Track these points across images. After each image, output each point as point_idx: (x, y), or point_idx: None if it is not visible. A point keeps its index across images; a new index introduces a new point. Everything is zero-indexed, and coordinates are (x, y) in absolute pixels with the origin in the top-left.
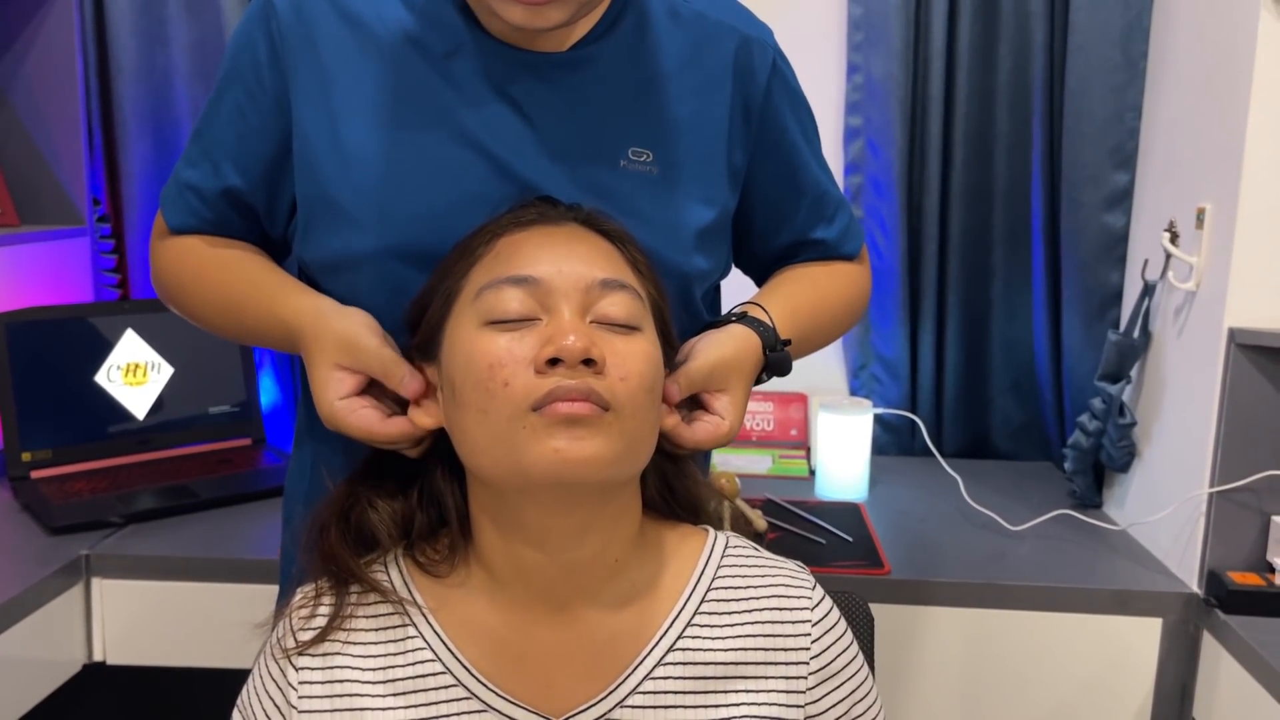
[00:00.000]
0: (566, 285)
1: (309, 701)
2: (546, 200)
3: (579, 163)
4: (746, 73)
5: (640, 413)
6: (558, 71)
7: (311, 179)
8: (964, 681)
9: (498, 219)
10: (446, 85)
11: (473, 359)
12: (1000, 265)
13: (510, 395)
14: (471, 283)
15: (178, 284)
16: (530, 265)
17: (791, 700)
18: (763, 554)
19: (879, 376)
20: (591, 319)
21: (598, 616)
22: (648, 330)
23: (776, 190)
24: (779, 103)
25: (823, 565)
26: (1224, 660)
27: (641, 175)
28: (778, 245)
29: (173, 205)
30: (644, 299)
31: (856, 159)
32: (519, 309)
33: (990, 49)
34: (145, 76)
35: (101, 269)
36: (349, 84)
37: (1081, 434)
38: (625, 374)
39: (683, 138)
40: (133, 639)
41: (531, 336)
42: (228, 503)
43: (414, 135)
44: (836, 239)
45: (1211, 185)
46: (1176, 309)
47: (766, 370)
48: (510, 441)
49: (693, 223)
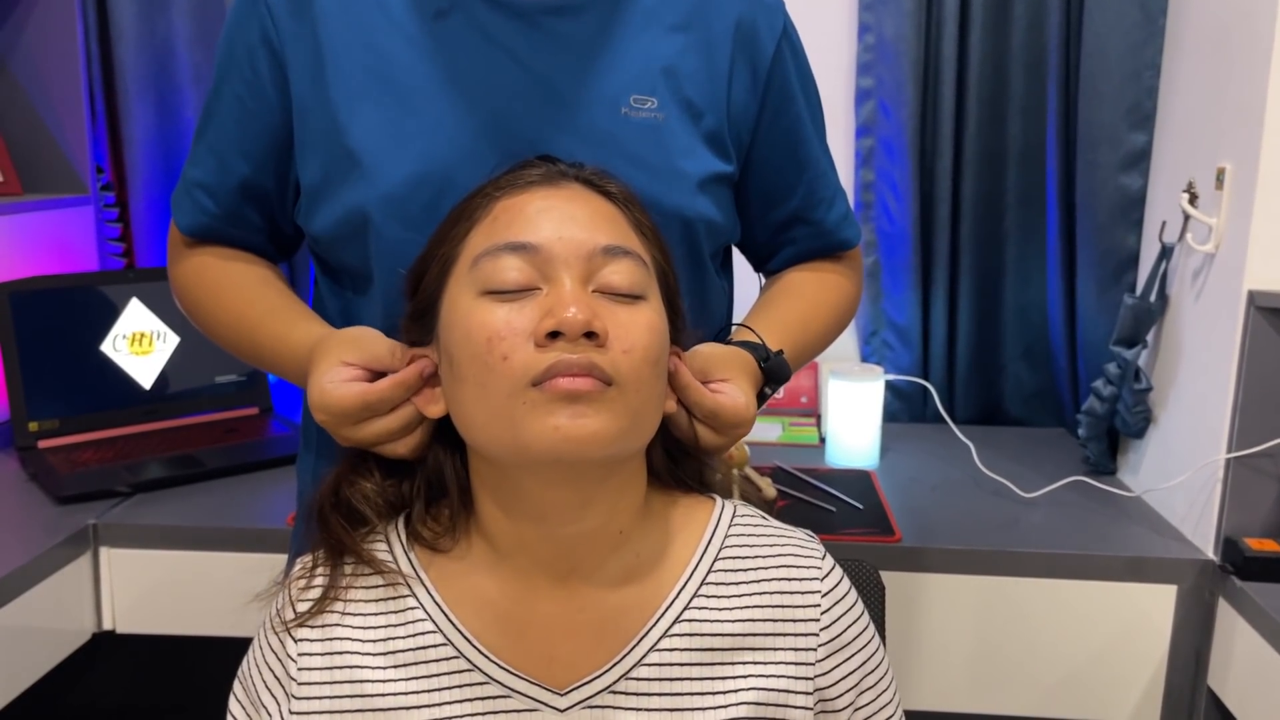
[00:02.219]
0: (567, 252)
1: (309, 674)
2: (546, 159)
3: (579, 111)
4: (751, 36)
5: (644, 386)
6: (551, 19)
7: (312, 151)
8: (976, 649)
9: (496, 179)
10: (440, 45)
11: (470, 332)
12: (1014, 229)
13: (509, 370)
14: (469, 248)
15: (195, 302)
16: (529, 231)
17: (801, 672)
18: (771, 523)
19: (890, 343)
20: (594, 287)
21: (602, 588)
22: (652, 298)
23: (778, 159)
24: (787, 71)
25: (833, 533)
26: (1240, 627)
27: (645, 122)
28: (774, 220)
29: (183, 206)
30: (648, 265)
31: (868, 121)
32: (518, 278)
33: (1004, 6)
34: (146, 42)
35: (106, 238)
36: (342, 55)
37: (1096, 399)
38: (629, 346)
39: (685, 89)
40: (142, 608)
41: (531, 307)
42: (235, 472)
43: (409, 97)
44: (834, 224)
45: (1232, 145)
46: (1195, 272)
47: (767, 383)
48: (510, 417)
49: (697, 170)
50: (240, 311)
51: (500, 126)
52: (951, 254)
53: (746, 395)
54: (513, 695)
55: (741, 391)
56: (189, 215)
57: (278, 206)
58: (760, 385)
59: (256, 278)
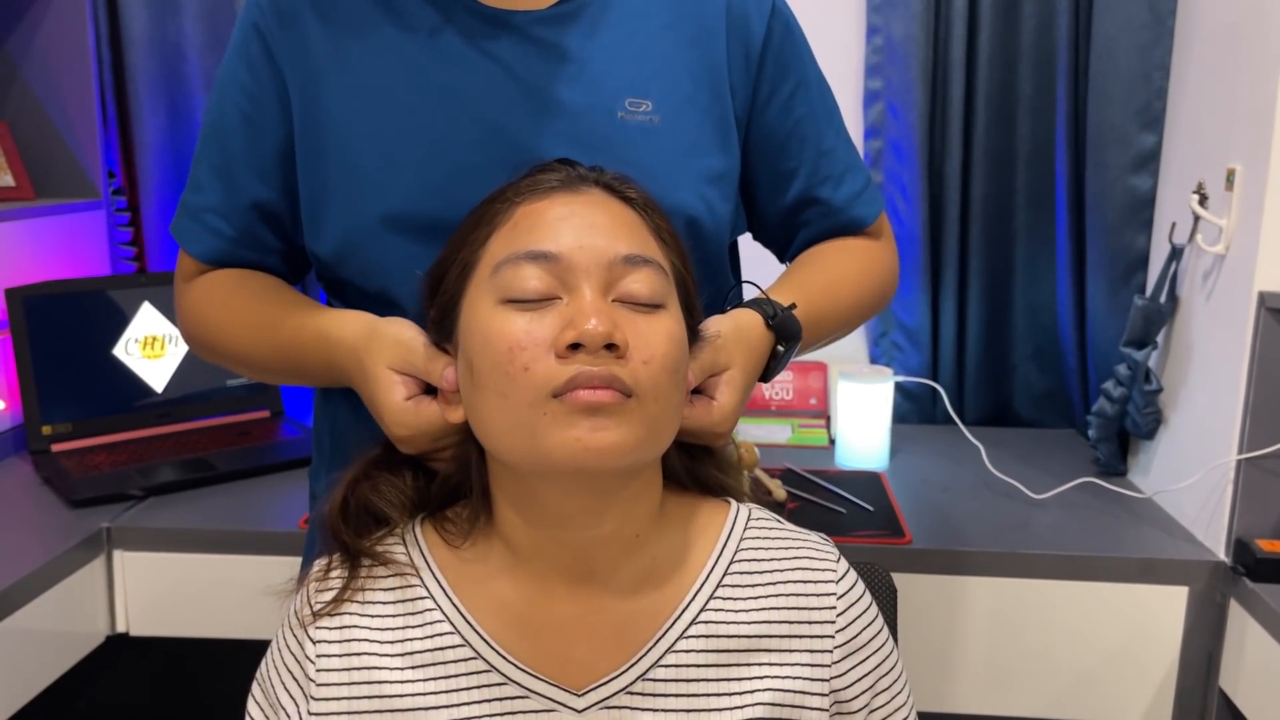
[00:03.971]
0: (588, 262)
1: (327, 674)
2: (565, 162)
3: (574, 118)
4: (741, 20)
5: (663, 396)
6: (540, 27)
7: (312, 167)
8: (987, 651)
9: (516, 183)
10: (433, 58)
11: (490, 340)
12: (1023, 230)
13: (530, 380)
14: (489, 254)
15: (205, 321)
16: (549, 239)
17: (816, 674)
18: (786, 526)
19: (899, 344)
20: (614, 297)
21: (619, 591)
22: (671, 306)
23: (777, 140)
24: (780, 50)
25: (843, 535)
26: (1251, 629)
27: (642, 125)
28: (783, 204)
29: (193, 234)
30: (668, 272)
31: (876, 122)
32: (538, 287)
33: (1013, 8)
34: (158, 47)
35: (118, 242)
36: (337, 70)
37: (1106, 401)
38: (648, 357)
39: (681, 87)
40: (155, 611)
41: (551, 316)
42: (246, 475)
43: (405, 111)
44: (845, 201)
45: (1242, 146)
46: (1205, 273)
47: (779, 341)
48: (530, 428)
49: (697, 169)
50: (257, 312)
51: (498, 139)
52: (960, 255)
53: (726, 398)
54: (530, 696)
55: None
56: (201, 241)
57: (290, 224)
58: (771, 345)
59: (272, 284)
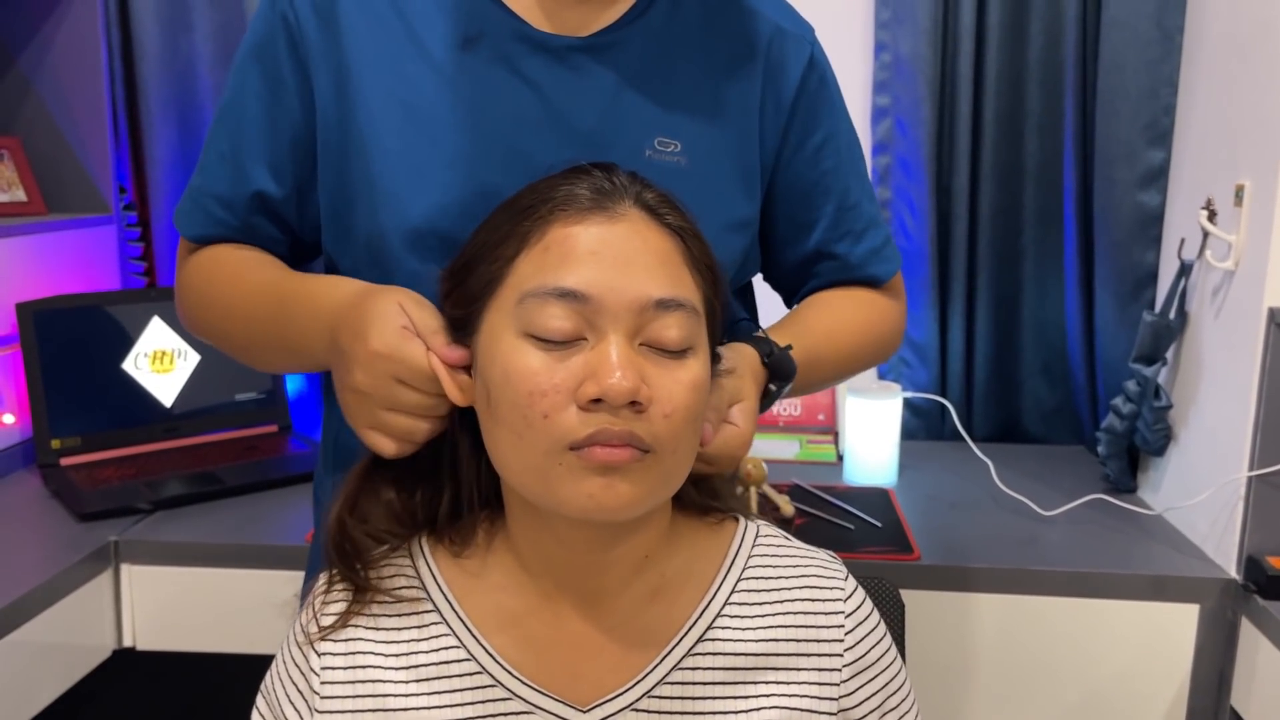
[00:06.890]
0: (618, 306)
1: (331, 688)
2: (602, 166)
3: (601, 151)
4: (778, 67)
5: (680, 447)
6: (579, 56)
7: (334, 171)
8: (996, 668)
9: (553, 190)
10: (464, 75)
11: (511, 379)
12: (1031, 246)
13: (549, 430)
14: (516, 275)
15: (202, 294)
16: (579, 276)
17: (825, 692)
18: (794, 543)
19: (908, 360)
20: (642, 340)
21: (627, 607)
22: (700, 349)
23: (801, 189)
24: (814, 101)
25: (852, 551)
26: (1263, 647)
27: (669, 165)
28: (799, 254)
29: (192, 218)
30: (700, 310)
31: (884, 139)
32: (563, 328)
33: (1021, 25)
34: (169, 63)
35: (128, 257)
36: (367, 76)
37: (1115, 417)
38: (670, 410)
39: (712, 129)
40: (162, 624)
41: (576, 361)
42: (254, 489)
43: (430, 126)
44: (861, 258)
45: (1250, 161)
46: (1214, 289)
47: (772, 380)
48: (544, 475)
49: (724, 216)
50: (256, 278)
51: (519, 163)
52: (969, 271)
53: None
54: (536, 712)
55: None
56: (199, 226)
57: (295, 218)
58: (764, 382)
59: (270, 258)
